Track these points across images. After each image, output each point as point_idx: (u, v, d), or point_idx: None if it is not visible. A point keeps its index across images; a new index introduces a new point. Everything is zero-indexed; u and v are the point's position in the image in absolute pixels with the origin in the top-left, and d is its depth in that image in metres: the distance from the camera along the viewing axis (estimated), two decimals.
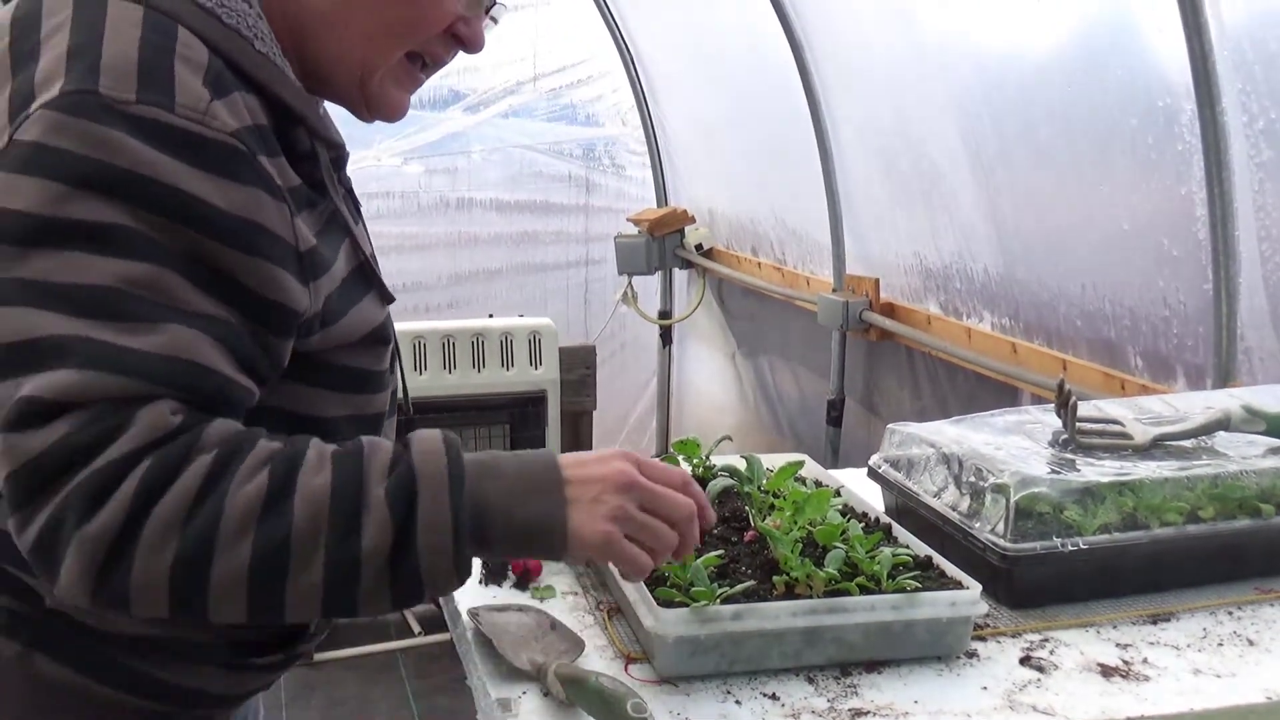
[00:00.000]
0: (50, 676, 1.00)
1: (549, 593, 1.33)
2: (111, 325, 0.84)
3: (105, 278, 0.85)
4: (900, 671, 1.17)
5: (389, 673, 3.52)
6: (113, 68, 0.88)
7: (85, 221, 0.85)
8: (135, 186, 0.86)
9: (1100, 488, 1.35)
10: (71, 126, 0.86)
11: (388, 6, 1.01)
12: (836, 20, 3.25)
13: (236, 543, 0.83)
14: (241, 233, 0.90)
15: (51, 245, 0.85)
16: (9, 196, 0.85)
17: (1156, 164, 2.23)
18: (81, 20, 0.91)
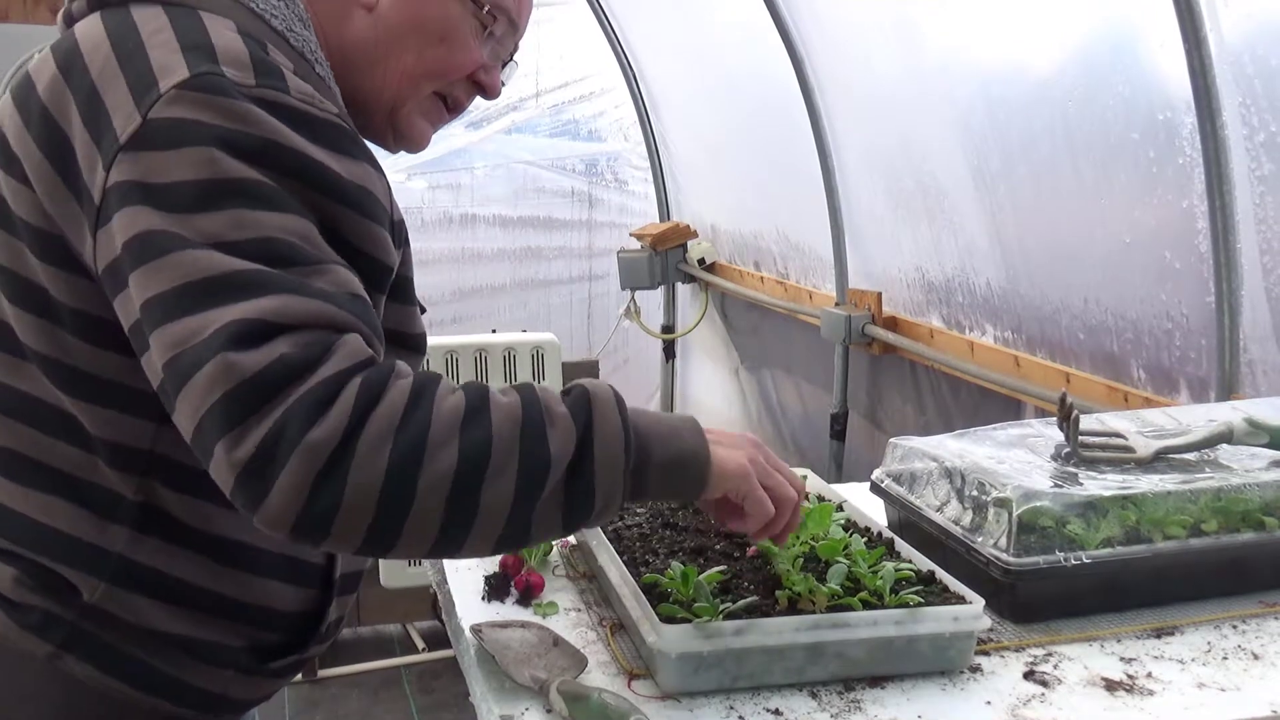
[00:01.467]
0: (78, 676, 1.04)
1: (552, 609, 1.33)
2: (290, 268, 0.91)
3: (268, 230, 0.92)
4: (904, 687, 1.17)
5: (393, 689, 3.51)
6: (230, 59, 0.97)
7: (237, 179, 0.92)
8: (272, 151, 0.94)
9: (1103, 501, 1.35)
10: (208, 102, 0.94)
11: (426, 47, 1.14)
12: (838, 36, 3.27)
13: (444, 446, 0.88)
14: (357, 197, 1.00)
15: (213, 207, 0.91)
16: (165, 169, 0.92)
17: (1158, 177, 2.23)
18: (182, 27, 0.99)
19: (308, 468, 0.84)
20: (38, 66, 1.04)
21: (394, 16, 1.12)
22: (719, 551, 1.37)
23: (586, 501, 0.95)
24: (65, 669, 1.04)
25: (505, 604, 1.34)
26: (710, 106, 4.37)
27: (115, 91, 0.96)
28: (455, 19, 1.15)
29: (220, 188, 0.92)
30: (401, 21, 1.13)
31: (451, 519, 0.89)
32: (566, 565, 1.47)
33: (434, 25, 1.14)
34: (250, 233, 0.91)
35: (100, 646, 1.05)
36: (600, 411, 0.96)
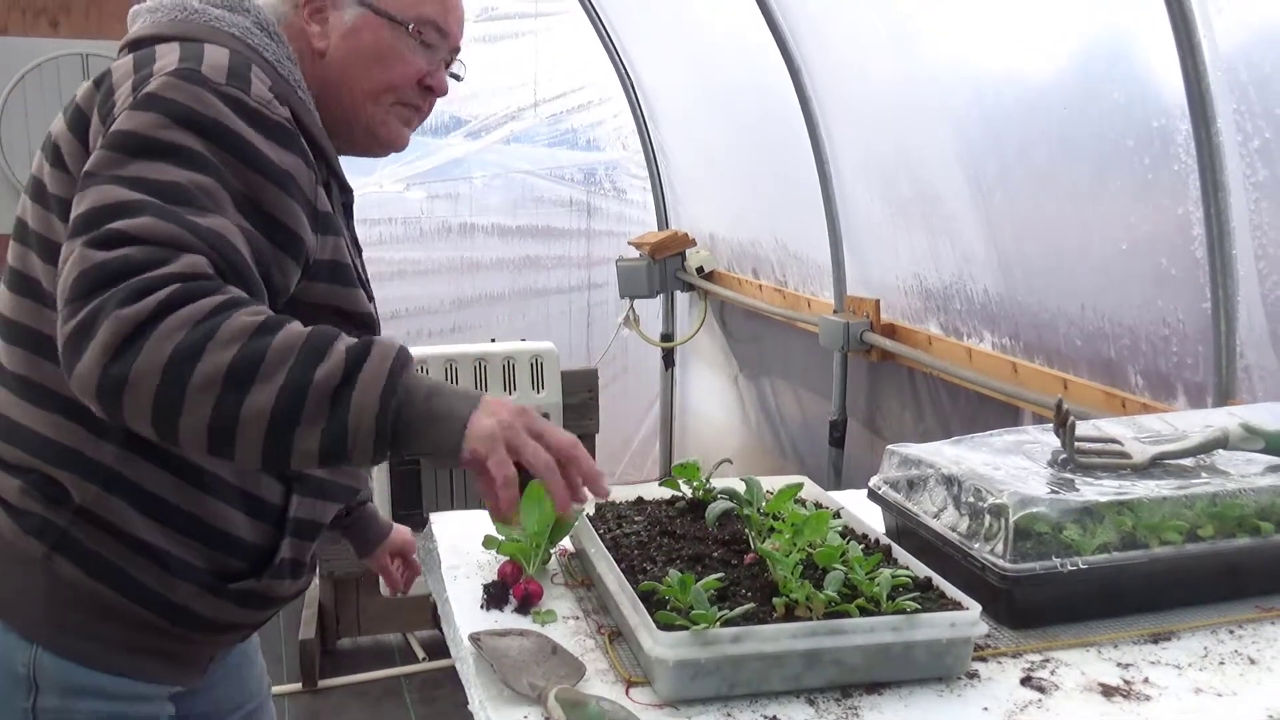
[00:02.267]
0: (68, 577, 1.24)
1: (550, 617, 1.33)
2: (179, 205, 1.11)
3: (180, 179, 1.13)
4: (901, 693, 1.17)
5: (393, 698, 3.51)
6: (211, 66, 1.22)
7: (174, 143, 1.15)
8: (215, 131, 1.17)
9: (1099, 507, 1.35)
10: (180, 86, 1.18)
11: (372, 71, 1.38)
12: (835, 45, 3.28)
13: (224, 348, 1.02)
14: (281, 177, 1.20)
15: (147, 157, 1.14)
16: (127, 122, 1.16)
17: (1153, 184, 2.24)
18: (186, 49, 1.24)
19: (112, 335, 1.01)
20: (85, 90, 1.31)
21: (339, 54, 1.38)
22: (717, 559, 1.37)
23: (340, 434, 1.03)
24: (56, 569, 1.23)
25: (504, 612, 1.35)
26: (708, 115, 4.38)
27: (125, 86, 1.22)
28: (388, 41, 1.38)
29: (160, 145, 1.14)
30: (346, 57, 1.38)
31: (219, 414, 1.02)
32: (565, 573, 1.47)
33: (370, 51, 1.38)
34: (164, 178, 1.12)
35: (87, 552, 1.24)
36: (374, 359, 1.05)
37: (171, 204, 1.10)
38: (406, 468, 3.26)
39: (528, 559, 1.43)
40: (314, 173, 1.26)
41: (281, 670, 3.53)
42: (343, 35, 1.38)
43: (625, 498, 1.62)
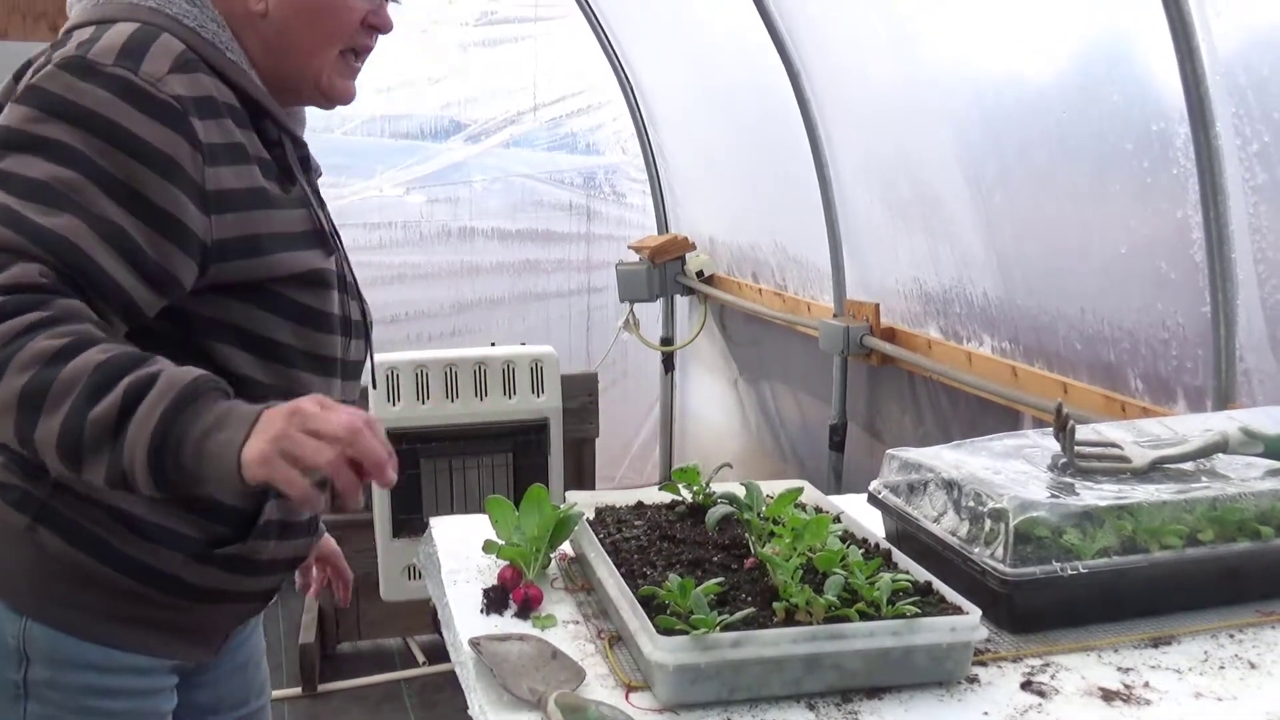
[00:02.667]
0: (51, 548, 1.25)
1: (550, 622, 1.33)
2: (29, 204, 1.13)
3: (41, 173, 1.14)
4: (901, 698, 1.17)
5: (394, 703, 3.51)
6: (102, 48, 1.21)
7: (43, 137, 1.16)
8: (88, 120, 1.17)
9: (1099, 511, 1.35)
10: (58, 77, 1.19)
11: (315, 22, 1.35)
12: (834, 48, 3.28)
13: (19, 374, 1.05)
14: (158, 160, 1.19)
15: (16, 151, 1.16)
16: (6, 116, 1.18)
17: (1152, 188, 2.24)
18: (93, 34, 1.23)
19: None
20: None
21: (280, 13, 1.34)
22: (716, 563, 1.37)
23: (119, 470, 1.06)
24: (39, 540, 1.25)
25: (504, 617, 1.35)
26: (707, 119, 4.38)
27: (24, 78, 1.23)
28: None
29: (28, 139, 1.16)
30: (287, 15, 1.34)
31: (19, 436, 1.07)
32: (565, 578, 1.47)
33: (311, 4, 1.35)
34: (27, 173, 1.14)
35: (67, 522, 1.25)
36: (151, 397, 1.06)
37: (23, 202, 1.12)
38: (406, 472, 3.26)
39: (527, 563, 1.43)
40: (201, 152, 1.22)
41: (281, 674, 3.53)
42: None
43: (625, 502, 1.62)
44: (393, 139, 4.61)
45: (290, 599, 4.00)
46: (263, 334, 1.30)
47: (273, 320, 1.30)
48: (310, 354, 1.34)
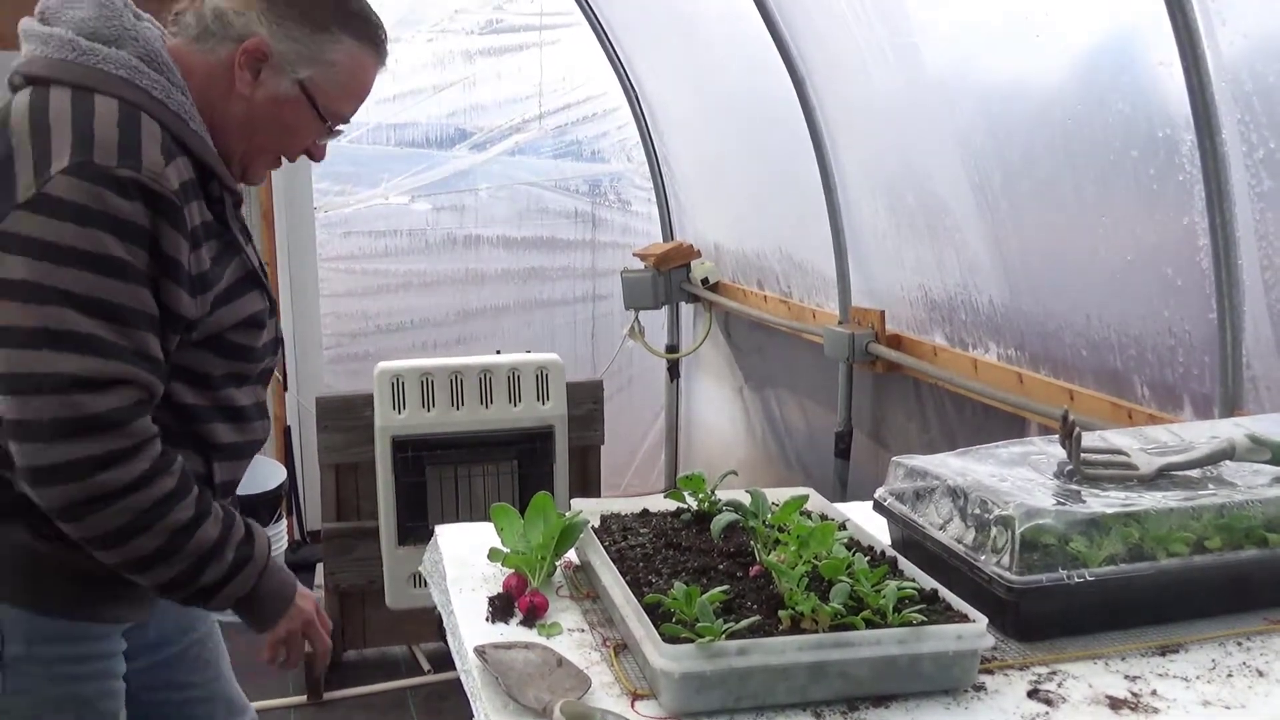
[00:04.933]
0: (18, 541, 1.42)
1: (555, 630, 1.33)
2: (111, 324, 1.33)
3: (120, 296, 1.33)
4: (907, 706, 1.16)
5: (399, 711, 3.50)
6: (102, 147, 1.34)
7: (89, 251, 1.32)
8: (120, 228, 1.33)
9: (1106, 519, 1.35)
10: (76, 185, 1.32)
11: (278, 134, 1.56)
12: (839, 55, 3.28)
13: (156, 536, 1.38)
14: (170, 267, 1.38)
15: (69, 264, 1.31)
16: (44, 230, 1.31)
17: (1158, 194, 2.24)
18: (77, 113, 1.36)
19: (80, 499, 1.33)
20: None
21: (257, 110, 1.52)
22: (722, 571, 1.37)
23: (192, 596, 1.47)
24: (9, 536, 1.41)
25: (509, 625, 1.35)
26: (712, 126, 4.39)
27: (22, 162, 1.34)
28: (302, 122, 1.56)
29: (74, 253, 1.31)
30: (261, 115, 1.52)
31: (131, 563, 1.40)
32: (570, 586, 1.47)
33: (285, 123, 1.55)
34: (91, 291, 1.32)
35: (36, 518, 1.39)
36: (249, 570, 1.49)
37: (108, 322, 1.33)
38: (411, 480, 3.26)
39: (533, 571, 1.43)
40: (188, 240, 1.40)
41: (287, 683, 3.53)
42: (269, 98, 1.52)
43: (630, 509, 1.62)
44: (399, 147, 4.62)
45: None
46: (201, 370, 1.50)
47: (211, 359, 1.50)
48: (236, 375, 1.55)
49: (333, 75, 1.54)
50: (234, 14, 1.49)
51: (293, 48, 1.51)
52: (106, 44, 1.43)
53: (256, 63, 1.50)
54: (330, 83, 1.54)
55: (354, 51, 1.56)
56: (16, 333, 1.30)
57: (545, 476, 3.38)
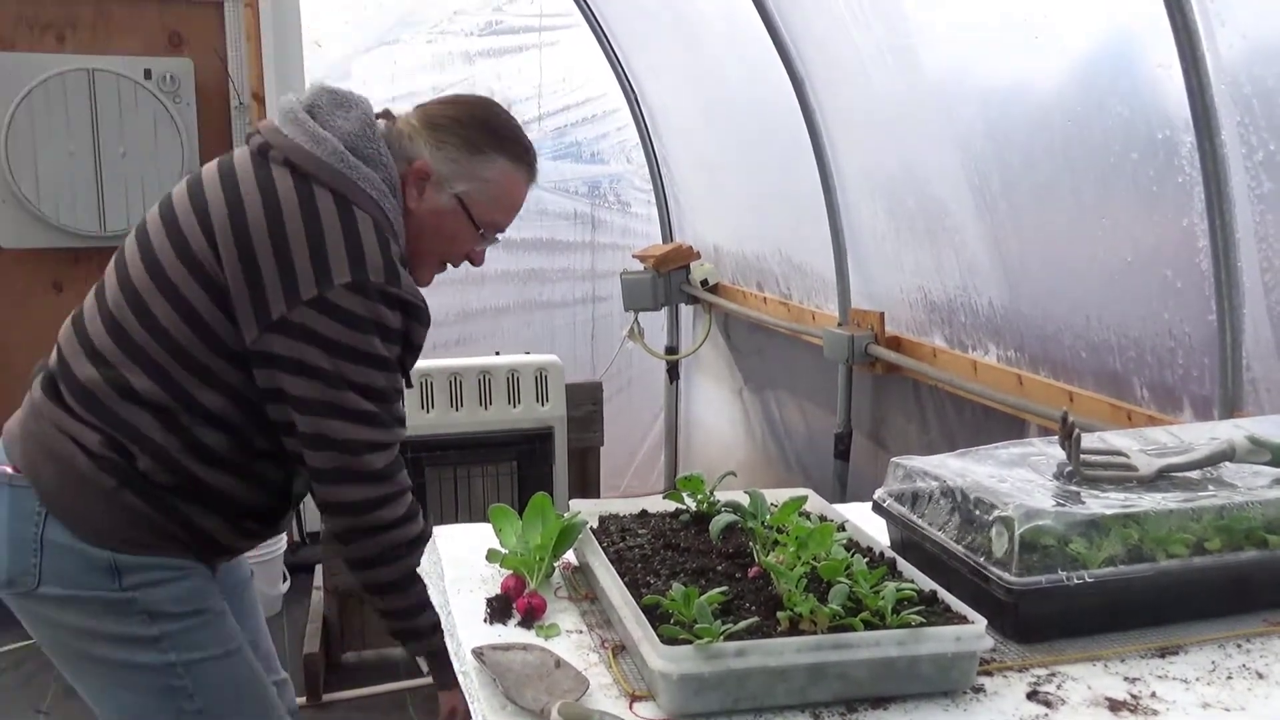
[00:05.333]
0: (130, 505, 1.70)
1: (553, 631, 1.33)
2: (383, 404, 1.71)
3: (378, 382, 1.69)
4: (906, 707, 1.16)
5: (398, 712, 3.50)
6: (372, 265, 1.66)
7: (364, 350, 1.66)
8: (390, 332, 1.69)
9: (1105, 520, 1.35)
10: (359, 301, 1.65)
11: (437, 242, 1.85)
12: (838, 57, 3.28)
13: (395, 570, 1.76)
14: (414, 354, 1.78)
15: (349, 359, 1.66)
16: (330, 330, 1.64)
17: (1158, 196, 2.24)
18: (346, 226, 1.67)
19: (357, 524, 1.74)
20: (249, 188, 1.69)
21: (421, 221, 1.81)
22: (720, 573, 1.37)
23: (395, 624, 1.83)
24: (122, 500, 1.69)
25: (507, 626, 1.34)
26: (712, 128, 4.39)
27: (301, 260, 1.64)
28: (460, 230, 1.83)
29: (356, 352, 1.65)
30: (424, 225, 1.81)
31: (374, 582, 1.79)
32: (568, 587, 1.47)
33: (444, 232, 1.83)
34: (369, 380, 1.67)
35: (153, 488, 1.71)
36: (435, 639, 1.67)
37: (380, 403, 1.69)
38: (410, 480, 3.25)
39: (531, 572, 1.43)
40: None
41: None
42: (431, 210, 1.80)
43: (629, 511, 1.62)
44: None
45: (294, 610, 4.00)
46: None
47: None
48: None
49: (486, 190, 1.81)
50: (408, 139, 1.79)
51: (452, 168, 1.79)
52: (364, 161, 1.71)
53: (421, 181, 1.78)
54: (484, 196, 1.81)
55: (506, 169, 1.83)
56: (316, 405, 1.66)
57: (544, 478, 3.38)
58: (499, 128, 1.85)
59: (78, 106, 4.01)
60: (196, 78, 4.17)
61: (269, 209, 1.66)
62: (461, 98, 1.95)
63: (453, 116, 1.83)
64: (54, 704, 3.49)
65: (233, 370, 1.70)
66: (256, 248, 1.65)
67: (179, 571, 1.76)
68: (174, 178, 4.13)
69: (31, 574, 1.72)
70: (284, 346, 1.65)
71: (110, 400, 1.71)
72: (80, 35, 4.16)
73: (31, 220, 4.06)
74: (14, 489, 1.74)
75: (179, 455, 1.71)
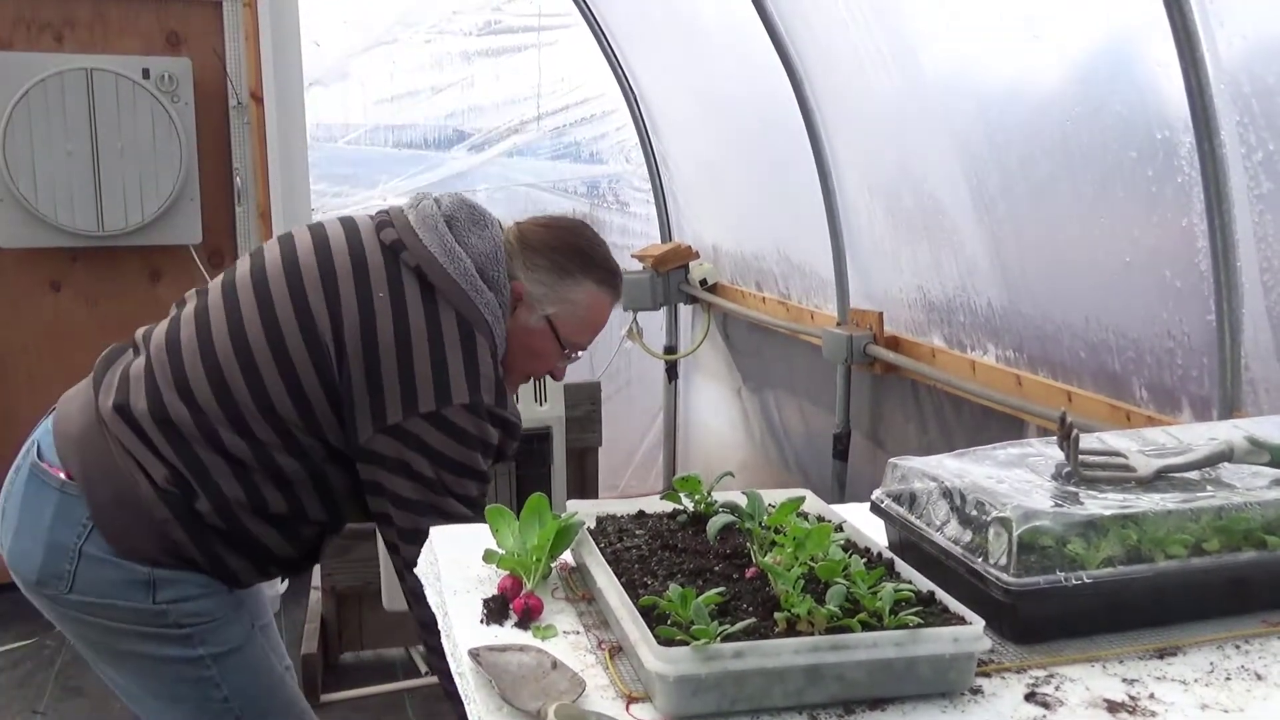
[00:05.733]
0: (175, 537, 1.78)
1: (550, 632, 1.32)
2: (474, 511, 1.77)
3: (474, 492, 1.82)
4: (904, 709, 1.16)
5: (396, 713, 3.50)
6: (486, 387, 1.78)
7: (467, 465, 1.79)
8: (490, 449, 1.82)
9: (1104, 521, 1.34)
10: (470, 419, 1.78)
11: (527, 359, 1.95)
12: (837, 57, 3.28)
13: None
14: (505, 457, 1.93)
15: (454, 472, 1.78)
16: (442, 445, 1.77)
17: (1157, 196, 2.23)
18: (467, 351, 1.78)
19: None
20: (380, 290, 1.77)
21: (513, 339, 1.90)
22: (718, 573, 1.36)
23: None
24: (169, 530, 1.77)
25: (504, 627, 1.34)
26: (710, 128, 4.38)
27: (423, 376, 1.74)
28: (547, 349, 1.94)
29: (460, 466, 1.78)
30: (516, 342, 1.91)
31: None
32: (565, 588, 1.46)
33: (533, 350, 1.94)
34: (467, 491, 1.80)
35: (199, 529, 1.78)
36: None
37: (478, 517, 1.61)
38: None
39: (528, 573, 1.42)
40: None
41: None
42: (523, 328, 1.89)
43: (626, 511, 1.61)
44: (396, 148, 4.62)
45: (292, 610, 3.99)
46: None
47: None
48: None
49: (574, 312, 1.92)
50: (507, 257, 1.88)
51: (542, 290, 1.89)
52: (489, 285, 1.81)
53: (516, 301, 1.88)
54: (572, 318, 1.92)
55: (592, 292, 1.93)
56: (416, 505, 1.78)
57: (542, 478, 3.38)
58: (587, 252, 1.94)
59: (76, 106, 4.00)
60: (194, 77, 4.17)
61: (398, 322, 1.75)
62: (556, 220, 2.01)
63: (546, 241, 1.92)
64: (50, 705, 3.49)
65: (321, 450, 1.79)
66: (382, 358, 1.74)
67: (207, 589, 1.85)
68: (172, 177, 4.12)
69: (64, 580, 1.76)
70: (393, 449, 1.75)
71: (194, 442, 1.77)
72: (78, 35, 4.15)
73: (29, 220, 4.06)
74: (64, 495, 1.77)
75: (238, 507, 1.79)
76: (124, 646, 1.84)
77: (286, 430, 1.78)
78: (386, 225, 1.84)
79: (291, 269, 1.80)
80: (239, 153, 4.34)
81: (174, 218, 4.20)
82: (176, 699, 1.87)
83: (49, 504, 1.77)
